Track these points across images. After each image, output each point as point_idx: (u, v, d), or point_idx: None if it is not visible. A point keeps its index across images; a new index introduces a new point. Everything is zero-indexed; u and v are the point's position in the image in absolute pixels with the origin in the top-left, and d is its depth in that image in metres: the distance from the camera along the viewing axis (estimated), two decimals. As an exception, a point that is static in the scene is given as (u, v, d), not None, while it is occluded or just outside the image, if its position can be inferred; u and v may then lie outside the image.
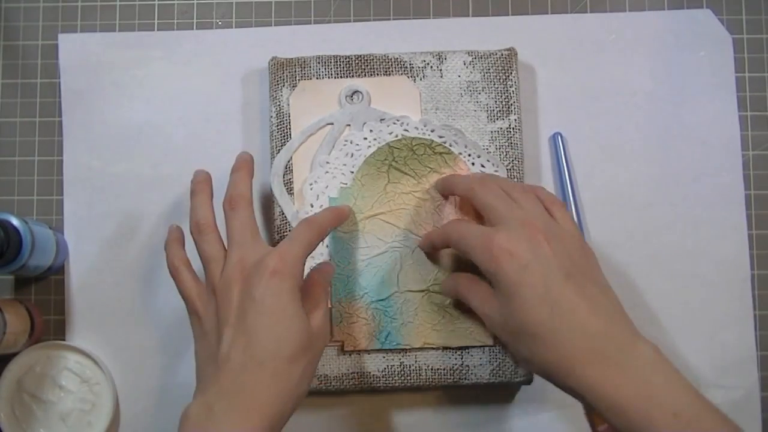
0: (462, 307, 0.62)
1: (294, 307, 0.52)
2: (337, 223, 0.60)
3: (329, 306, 0.58)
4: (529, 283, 0.51)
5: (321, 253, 0.63)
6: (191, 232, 0.57)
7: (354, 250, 0.63)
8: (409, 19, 0.68)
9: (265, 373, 0.50)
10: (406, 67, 0.65)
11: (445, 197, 0.63)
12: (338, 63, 0.65)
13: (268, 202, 0.65)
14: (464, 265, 0.62)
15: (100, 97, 0.67)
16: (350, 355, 0.62)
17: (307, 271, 0.60)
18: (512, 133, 0.64)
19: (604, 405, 0.48)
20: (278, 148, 0.64)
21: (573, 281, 0.51)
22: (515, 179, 0.64)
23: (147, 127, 0.67)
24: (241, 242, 0.55)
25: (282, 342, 0.51)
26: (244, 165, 0.59)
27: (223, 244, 0.57)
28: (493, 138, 0.64)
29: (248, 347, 0.51)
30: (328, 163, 0.64)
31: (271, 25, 0.68)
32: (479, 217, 0.61)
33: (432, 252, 0.62)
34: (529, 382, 0.63)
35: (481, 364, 0.62)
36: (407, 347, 0.62)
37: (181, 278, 0.57)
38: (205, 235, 0.56)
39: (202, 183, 0.59)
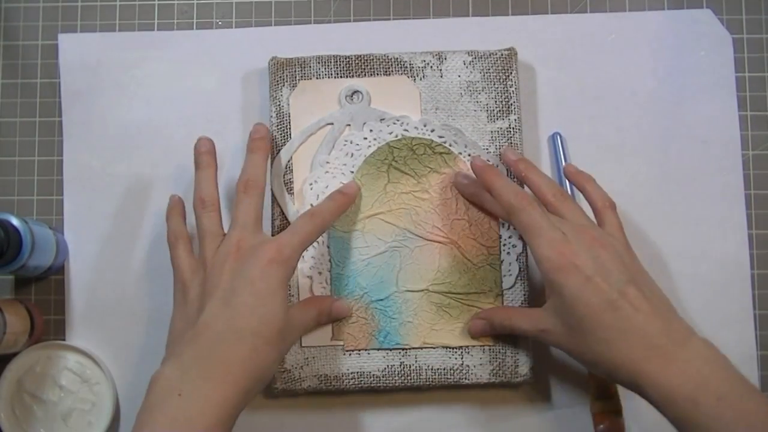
0: (461, 306, 0.62)
1: (281, 295, 0.54)
2: (343, 210, 0.61)
3: (314, 320, 0.60)
4: (594, 293, 0.53)
5: (322, 254, 0.63)
6: (194, 206, 0.59)
7: (354, 249, 0.63)
8: (409, 19, 0.68)
9: (244, 347, 0.52)
10: (406, 67, 0.65)
11: (449, 196, 0.63)
12: (338, 63, 0.65)
13: (268, 202, 0.65)
14: (465, 265, 0.62)
15: (100, 97, 0.67)
16: (350, 354, 0.62)
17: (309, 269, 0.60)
18: (512, 133, 0.64)
19: (658, 396, 0.51)
20: (278, 148, 0.64)
21: (632, 285, 0.54)
22: (515, 178, 0.64)
23: (147, 127, 0.67)
24: (244, 225, 0.57)
25: (264, 323, 0.53)
26: (263, 146, 0.61)
27: (222, 222, 0.59)
28: (493, 138, 0.64)
29: (231, 320, 0.53)
30: (328, 163, 0.64)
31: (271, 25, 0.68)
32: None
33: (473, 195, 0.62)
34: (529, 382, 0.63)
35: (481, 364, 0.62)
36: (407, 347, 0.62)
37: (177, 251, 0.59)
38: (208, 212, 0.58)
39: (207, 155, 0.61)
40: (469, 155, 0.64)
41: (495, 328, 0.61)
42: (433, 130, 0.64)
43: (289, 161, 0.64)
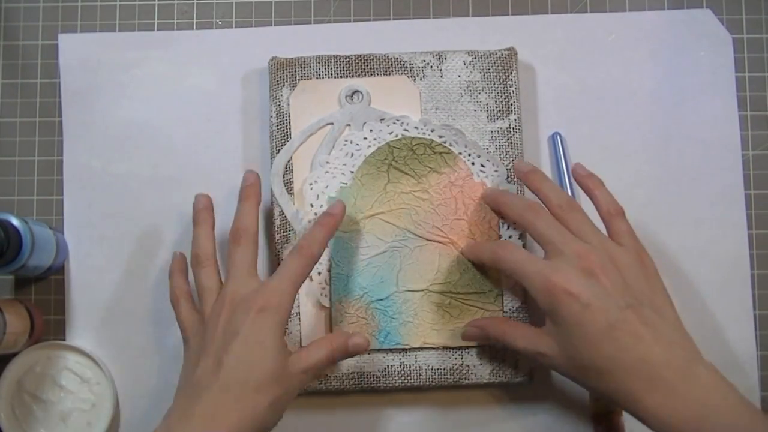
0: (461, 306, 0.62)
1: (273, 341, 0.54)
2: (333, 233, 0.59)
3: (326, 358, 0.57)
4: (591, 322, 0.52)
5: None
6: (191, 263, 0.60)
7: (354, 249, 0.63)
8: (409, 19, 0.68)
9: (229, 398, 0.52)
10: (406, 67, 0.65)
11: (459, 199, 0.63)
12: (338, 63, 0.65)
13: (268, 202, 0.65)
14: (465, 265, 0.62)
15: (100, 97, 0.67)
16: (350, 355, 0.62)
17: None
18: (512, 133, 0.64)
19: (661, 430, 0.50)
20: (278, 148, 0.64)
21: (633, 311, 0.52)
22: (515, 179, 0.64)
23: (147, 127, 0.67)
24: (237, 276, 0.57)
25: (251, 371, 0.53)
26: (253, 193, 0.60)
27: (220, 275, 0.59)
28: (493, 138, 0.64)
29: (216, 372, 0.53)
30: (328, 163, 0.64)
31: (271, 25, 0.68)
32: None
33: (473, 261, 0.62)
34: (529, 382, 0.63)
35: (481, 364, 0.62)
36: (407, 347, 0.62)
37: (180, 309, 0.59)
38: (203, 268, 0.59)
39: (203, 212, 0.61)
40: (469, 155, 0.64)
41: (488, 340, 0.61)
42: (433, 130, 0.64)
43: (289, 161, 0.64)
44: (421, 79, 0.65)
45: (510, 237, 0.63)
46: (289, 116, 0.65)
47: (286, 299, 0.55)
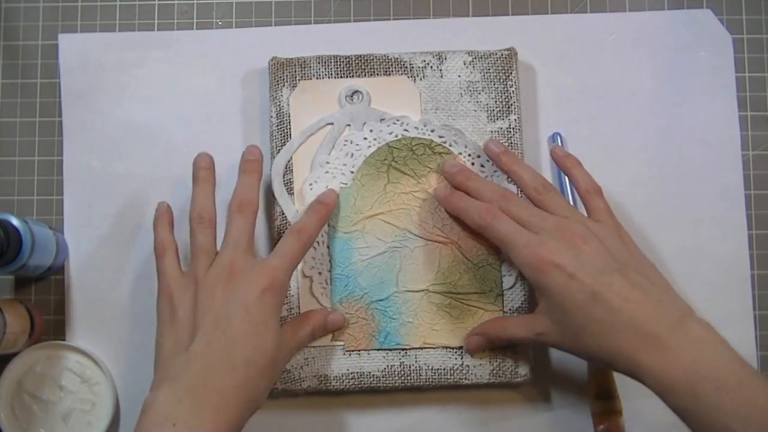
0: (461, 306, 0.62)
1: (275, 323, 0.55)
2: (326, 220, 0.61)
3: (308, 335, 0.60)
4: (578, 289, 0.53)
5: (321, 254, 0.63)
6: (191, 219, 0.59)
7: (354, 250, 0.63)
8: (409, 19, 0.68)
9: (238, 377, 0.52)
10: (406, 67, 0.65)
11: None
12: (338, 63, 0.65)
13: (268, 202, 0.65)
14: (465, 265, 0.62)
15: (100, 97, 0.67)
16: (350, 355, 0.62)
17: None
18: (512, 133, 0.64)
19: (658, 386, 0.51)
20: (278, 148, 0.64)
21: (619, 275, 0.53)
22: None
23: (147, 127, 0.67)
24: (236, 245, 0.57)
25: (258, 352, 0.53)
26: (256, 168, 0.60)
27: (216, 240, 0.58)
28: (493, 138, 0.64)
29: (226, 350, 0.53)
30: (328, 163, 0.64)
31: (271, 25, 0.68)
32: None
33: (459, 216, 0.62)
34: (529, 382, 0.63)
35: (481, 364, 0.62)
36: (407, 347, 0.62)
37: (165, 262, 0.58)
38: (204, 228, 0.58)
39: (206, 171, 0.60)
40: (469, 155, 0.64)
41: (492, 342, 0.61)
42: (433, 130, 0.64)
43: (289, 161, 0.64)
44: (421, 79, 0.65)
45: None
46: (289, 116, 0.65)
47: (287, 280, 0.56)
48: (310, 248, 0.59)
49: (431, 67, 0.65)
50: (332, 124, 0.64)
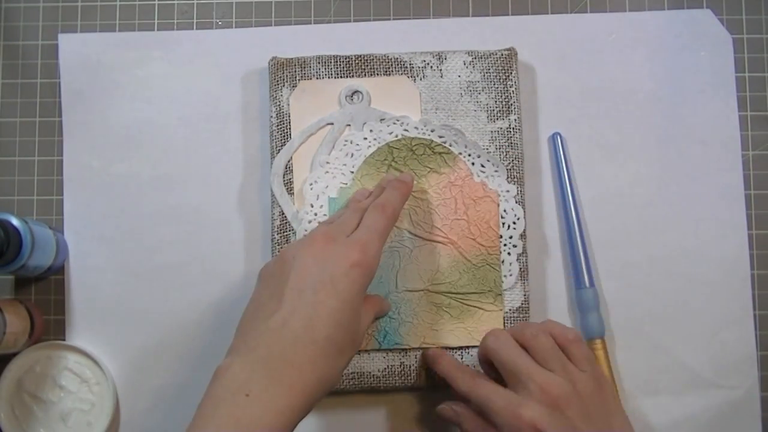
0: (461, 306, 0.62)
1: (359, 303, 0.53)
2: (406, 199, 0.60)
3: (371, 321, 0.58)
4: None
5: (321, 253, 0.63)
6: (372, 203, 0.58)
7: (354, 250, 0.63)
8: (409, 19, 0.68)
9: (318, 353, 0.50)
10: (406, 67, 0.65)
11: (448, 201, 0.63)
12: (338, 63, 0.65)
13: (269, 202, 0.65)
14: (465, 265, 0.62)
15: (100, 97, 0.67)
16: (350, 355, 0.62)
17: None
18: (512, 133, 0.64)
19: None
20: (278, 148, 0.64)
21: None
22: (515, 179, 0.64)
23: (147, 127, 0.67)
24: (368, 229, 0.55)
25: (340, 330, 0.51)
26: (405, 191, 0.60)
27: (354, 226, 0.56)
28: (493, 138, 0.64)
29: (309, 322, 0.50)
30: (328, 163, 0.64)
31: (271, 25, 0.68)
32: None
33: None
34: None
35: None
36: (407, 347, 0.62)
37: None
38: (357, 213, 0.57)
39: (407, 184, 0.60)
40: (469, 155, 0.64)
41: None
42: (433, 130, 0.64)
43: (289, 161, 0.64)
44: (421, 79, 0.65)
45: (510, 237, 0.63)
46: (289, 116, 0.65)
47: (378, 255, 0.54)
48: (393, 226, 0.57)
49: (431, 67, 0.65)
50: (332, 124, 0.64)
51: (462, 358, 0.62)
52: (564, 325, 0.58)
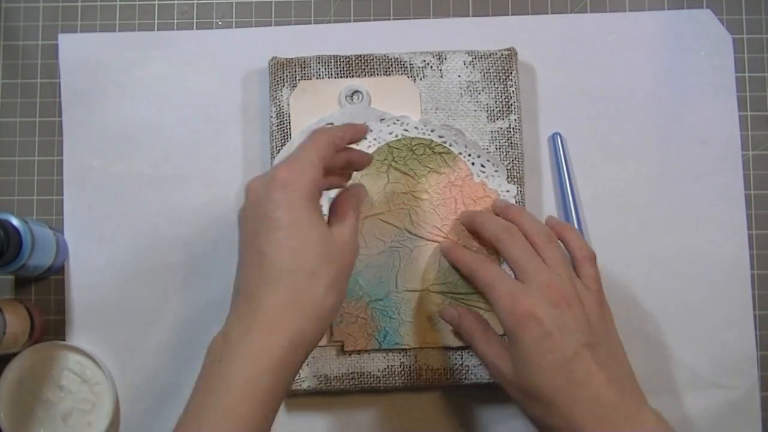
0: (462, 307, 0.62)
1: (310, 218, 0.48)
2: (353, 135, 0.54)
3: (357, 219, 0.53)
4: (549, 350, 0.52)
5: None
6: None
7: (354, 250, 0.63)
8: (409, 19, 0.68)
9: (283, 290, 0.48)
10: (406, 67, 0.65)
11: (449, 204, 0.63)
12: (338, 63, 0.65)
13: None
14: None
15: (100, 97, 0.67)
16: (350, 355, 0.62)
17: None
18: (512, 133, 0.64)
19: None
20: (278, 148, 0.64)
21: (590, 349, 0.53)
22: (515, 179, 0.64)
23: (147, 127, 0.67)
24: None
25: (299, 256, 0.48)
26: (353, 129, 0.55)
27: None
28: (493, 138, 0.64)
29: (261, 266, 0.48)
30: (328, 163, 0.64)
31: (271, 25, 0.68)
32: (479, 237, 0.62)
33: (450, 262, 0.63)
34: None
35: (481, 364, 0.62)
36: (407, 347, 0.62)
37: None
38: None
39: (357, 127, 0.56)
40: (469, 155, 0.64)
41: (460, 329, 0.61)
42: (433, 130, 0.64)
43: (289, 161, 0.64)
44: (421, 79, 0.65)
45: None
46: (289, 116, 0.65)
47: (312, 170, 0.49)
48: (340, 147, 0.53)
49: (431, 67, 0.65)
50: (332, 124, 0.64)
51: (462, 359, 0.62)
52: (582, 240, 0.59)
